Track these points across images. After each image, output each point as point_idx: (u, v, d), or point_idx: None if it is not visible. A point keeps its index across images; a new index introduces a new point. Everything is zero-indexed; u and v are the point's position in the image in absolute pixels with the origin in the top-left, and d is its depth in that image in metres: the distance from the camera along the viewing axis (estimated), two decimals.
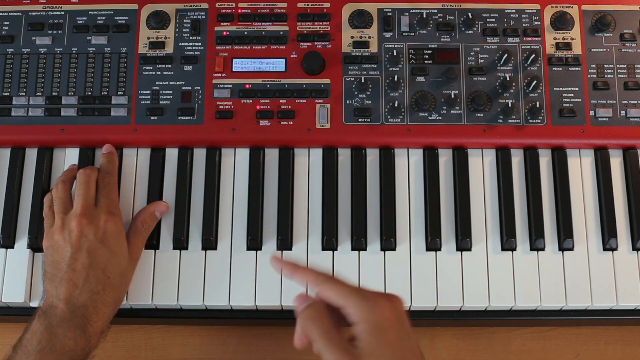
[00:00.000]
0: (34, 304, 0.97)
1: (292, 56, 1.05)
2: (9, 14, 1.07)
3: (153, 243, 0.98)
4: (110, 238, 0.92)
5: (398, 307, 0.75)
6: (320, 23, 1.06)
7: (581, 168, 1.02)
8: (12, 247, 0.99)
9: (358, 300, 0.73)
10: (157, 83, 1.04)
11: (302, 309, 0.75)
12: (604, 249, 0.99)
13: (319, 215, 1.00)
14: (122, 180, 1.02)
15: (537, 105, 1.01)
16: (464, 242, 0.98)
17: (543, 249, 0.98)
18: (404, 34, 1.06)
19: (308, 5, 1.07)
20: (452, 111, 1.02)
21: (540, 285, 0.97)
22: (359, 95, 1.03)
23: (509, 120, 1.02)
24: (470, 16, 1.05)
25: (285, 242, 0.98)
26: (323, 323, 0.73)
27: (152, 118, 1.02)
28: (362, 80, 1.02)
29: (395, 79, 1.02)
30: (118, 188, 1.00)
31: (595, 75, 1.04)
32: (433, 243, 0.98)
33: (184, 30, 1.06)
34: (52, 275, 0.90)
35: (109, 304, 0.90)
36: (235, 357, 1.05)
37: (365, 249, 0.98)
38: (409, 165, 1.02)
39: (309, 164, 1.03)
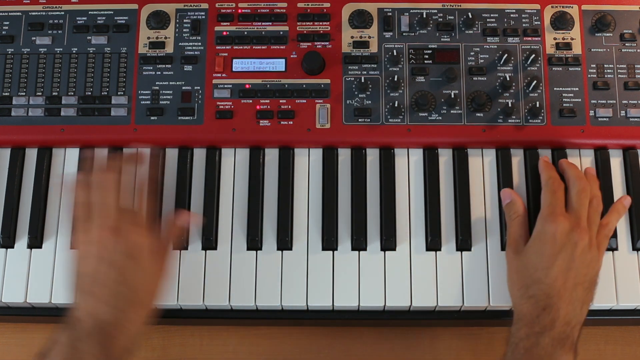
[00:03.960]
0: (33, 302, 0.97)
1: (292, 56, 1.05)
2: (9, 14, 1.07)
3: None
4: (139, 253, 0.87)
5: (573, 237, 0.90)
6: (320, 23, 1.06)
7: (581, 168, 1.02)
8: (12, 247, 0.99)
9: (545, 208, 0.94)
10: (157, 83, 1.04)
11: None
12: None
13: (319, 215, 1.00)
14: (122, 181, 1.01)
15: (537, 105, 1.01)
16: (464, 242, 0.98)
17: None
18: (404, 34, 1.06)
19: (308, 5, 1.07)
20: (452, 111, 1.02)
21: None
22: (359, 95, 1.03)
23: (509, 120, 1.02)
24: (470, 16, 1.05)
25: (285, 242, 0.98)
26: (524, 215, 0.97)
27: (152, 118, 1.02)
28: (362, 80, 1.03)
29: (395, 79, 1.02)
30: (118, 188, 1.00)
31: (595, 75, 1.04)
32: (433, 243, 0.98)
33: (184, 30, 1.06)
34: (79, 286, 0.87)
35: (134, 320, 0.85)
36: (235, 357, 1.05)
37: (365, 249, 0.98)
38: (409, 165, 1.03)
39: (309, 164, 1.03)
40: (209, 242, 0.98)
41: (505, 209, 0.98)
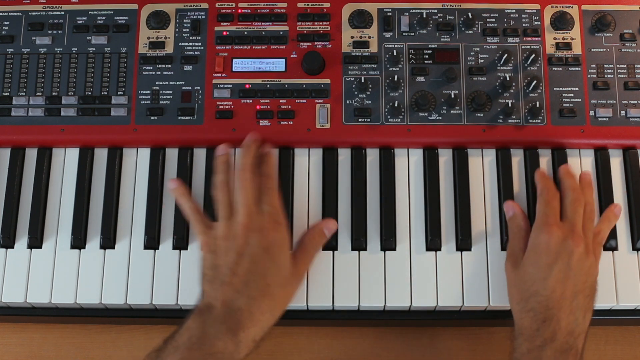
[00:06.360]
0: (33, 302, 0.97)
1: (292, 56, 1.05)
2: (9, 14, 1.07)
3: (153, 243, 0.98)
4: (274, 247, 0.91)
5: (568, 246, 0.90)
6: (320, 23, 1.06)
7: (581, 168, 1.02)
8: (12, 247, 0.99)
9: (539, 219, 0.94)
10: (157, 83, 1.04)
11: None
12: (604, 249, 0.98)
13: (319, 215, 1.00)
14: (122, 180, 1.02)
15: (537, 105, 1.01)
16: (464, 241, 0.98)
17: None
18: (404, 34, 1.06)
19: (308, 5, 1.07)
20: (452, 111, 1.02)
21: None
22: (359, 95, 1.03)
23: (509, 120, 1.02)
24: (470, 16, 1.05)
25: None
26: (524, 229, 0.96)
27: (152, 118, 1.02)
28: (362, 80, 1.03)
29: (395, 79, 1.02)
30: (118, 188, 1.01)
31: (595, 75, 1.04)
32: (433, 243, 0.98)
33: (184, 30, 1.06)
34: (211, 277, 0.90)
35: (264, 311, 0.88)
36: None
37: (365, 249, 0.98)
38: (409, 165, 1.03)
39: (309, 164, 1.03)
40: None
41: (509, 222, 0.98)
